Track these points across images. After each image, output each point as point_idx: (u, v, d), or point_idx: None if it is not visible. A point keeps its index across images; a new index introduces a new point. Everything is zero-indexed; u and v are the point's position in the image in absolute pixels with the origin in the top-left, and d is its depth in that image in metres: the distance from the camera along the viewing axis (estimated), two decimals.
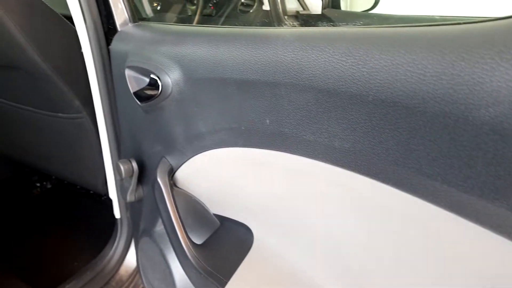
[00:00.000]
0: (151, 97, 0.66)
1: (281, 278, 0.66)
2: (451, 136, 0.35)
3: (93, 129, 0.98)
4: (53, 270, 1.22)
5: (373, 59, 0.40)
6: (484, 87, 0.32)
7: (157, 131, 0.73)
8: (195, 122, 0.64)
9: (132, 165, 0.77)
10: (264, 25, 1.24)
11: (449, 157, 0.36)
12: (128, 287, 1.06)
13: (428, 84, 0.36)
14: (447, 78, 0.34)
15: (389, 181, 0.42)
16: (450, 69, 0.34)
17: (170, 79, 0.63)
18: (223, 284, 0.67)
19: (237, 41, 0.55)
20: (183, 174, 0.73)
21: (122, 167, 0.75)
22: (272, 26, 1.23)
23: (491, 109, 0.32)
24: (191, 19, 1.13)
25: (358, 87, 0.41)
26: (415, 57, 0.37)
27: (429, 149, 0.37)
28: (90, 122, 0.98)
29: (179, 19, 1.11)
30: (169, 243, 0.77)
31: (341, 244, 0.55)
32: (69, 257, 1.27)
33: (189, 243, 0.72)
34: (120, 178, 0.81)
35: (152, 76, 0.64)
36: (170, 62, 0.63)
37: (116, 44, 0.77)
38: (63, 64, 0.90)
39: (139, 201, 0.85)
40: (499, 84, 0.31)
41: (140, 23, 0.78)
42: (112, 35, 0.78)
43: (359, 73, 0.41)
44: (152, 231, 0.83)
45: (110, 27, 0.78)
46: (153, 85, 0.64)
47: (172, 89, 0.63)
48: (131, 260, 1.07)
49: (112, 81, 0.81)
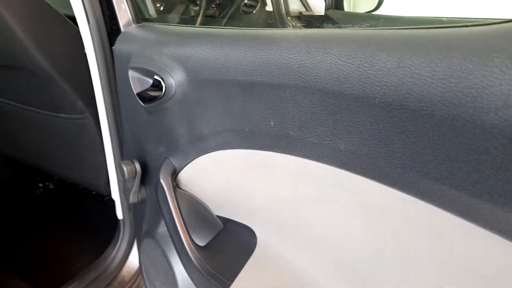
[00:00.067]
0: (154, 98, 0.66)
1: (285, 280, 0.66)
2: (459, 139, 0.35)
3: (95, 129, 0.98)
4: (55, 270, 1.22)
5: (379, 61, 0.39)
6: (493, 90, 0.32)
7: (160, 133, 0.73)
8: (198, 123, 0.64)
9: (135, 166, 0.76)
10: (267, 26, 1.24)
11: (457, 161, 0.36)
12: None
13: (435, 87, 0.35)
14: (455, 81, 0.34)
15: (395, 185, 0.42)
16: (458, 72, 0.34)
17: (173, 80, 0.62)
18: (226, 286, 0.67)
19: (241, 43, 0.54)
20: (186, 175, 0.73)
21: (125, 168, 0.75)
22: (275, 27, 1.22)
23: (500, 113, 0.32)
24: (194, 19, 1.13)
25: (364, 90, 0.41)
26: (422, 59, 0.36)
27: (436, 152, 0.37)
28: (92, 122, 0.98)
29: (182, 20, 1.11)
30: (171, 244, 0.76)
31: (346, 247, 0.55)
32: (71, 257, 1.27)
33: (192, 245, 0.71)
34: (123, 179, 0.81)
35: (155, 77, 0.64)
36: (173, 63, 0.63)
37: (119, 44, 0.77)
38: (66, 64, 0.90)
39: (141, 202, 0.85)
40: (509, 87, 0.31)
41: (143, 24, 0.78)
42: (115, 35, 0.78)
43: (365, 76, 0.40)
44: (154, 232, 0.83)
45: (113, 27, 0.78)
46: (157, 86, 0.64)
47: (175, 90, 0.63)
48: (133, 261, 1.07)
49: (115, 81, 0.81)
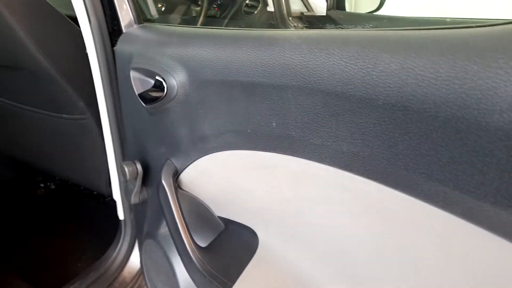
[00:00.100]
0: (156, 99, 0.66)
1: (287, 282, 0.66)
2: (463, 141, 0.35)
3: (97, 130, 0.97)
4: (56, 271, 1.22)
5: (382, 63, 0.39)
6: (498, 92, 0.32)
7: (161, 133, 0.72)
8: (200, 124, 0.63)
9: (136, 167, 0.76)
10: (268, 26, 1.24)
11: (461, 163, 0.35)
12: None
13: (439, 88, 0.35)
14: (460, 82, 0.34)
15: (398, 186, 0.42)
16: (462, 73, 0.34)
17: (175, 81, 0.62)
18: (227, 287, 0.67)
19: (243, 43, 0.54)
20: (188, 176, 0.73)
21: (126, 169, 0.75)
22: (276, 27, 1.22)
23: (505, 115, 0.31)
24: (195, 20, 1.13)
25: (367, 91, 0.40)
26: (426, 60, 0.36)
27: (440, 154, 0.37)
28: (94, 123, 0.98)
29: (183, 20, 1.11)
30: (173, 245, 0.76)
31: (348, 248, 0.55)
32: (73, 258, 1.27)
33: (193, 246, 0.71)
34: (124, 179, 0.80)
35: (157, 78, 0.64)
36: (175, 64, 0.62)
37: (121, 45, 0.77)
38: (67, 64, 0.90)
39: (143, 203, 0.85)
40: None
41: (145, 24, 0.78)
42: (117, 36, 0.78)
43: (368, 77, 0.40)
44: (156, 233, 0.82)
45: (114, 28, 0.78)
46: (158, 87, 0.64)
47: (177, 91, 0.63)
48: (134, 261, 1.06)
49: (116, 82, 0.81)
